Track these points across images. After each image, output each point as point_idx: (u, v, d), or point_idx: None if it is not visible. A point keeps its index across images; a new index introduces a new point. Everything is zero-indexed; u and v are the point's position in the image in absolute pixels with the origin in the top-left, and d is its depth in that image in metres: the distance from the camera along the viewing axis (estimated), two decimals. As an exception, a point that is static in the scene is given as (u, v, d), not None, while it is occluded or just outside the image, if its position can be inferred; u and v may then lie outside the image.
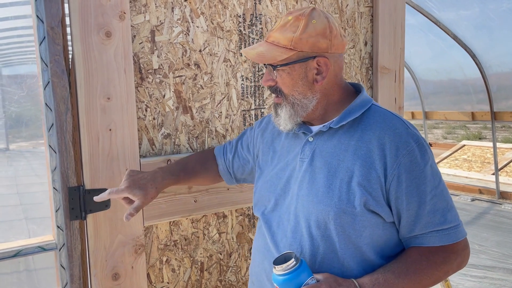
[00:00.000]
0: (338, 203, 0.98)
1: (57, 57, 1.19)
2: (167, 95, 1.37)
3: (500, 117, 5.55)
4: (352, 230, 0.98)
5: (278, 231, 1.07)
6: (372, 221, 0.98)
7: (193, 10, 1.38)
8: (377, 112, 1.06)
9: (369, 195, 0.97)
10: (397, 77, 1.77)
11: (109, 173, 1.27)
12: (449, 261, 0.99)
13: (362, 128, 1.03)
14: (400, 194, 0.97)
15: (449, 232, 0.99)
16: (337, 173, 1.00)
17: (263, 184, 1.16)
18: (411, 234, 1.01)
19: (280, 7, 1.53)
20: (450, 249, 1.00)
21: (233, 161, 1.32)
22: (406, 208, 0.98)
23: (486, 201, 5.71)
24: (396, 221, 1.01)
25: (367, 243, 0.99)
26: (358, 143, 1.01)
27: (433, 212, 0.98)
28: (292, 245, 1.03)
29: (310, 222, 1.01)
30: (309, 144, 1.08)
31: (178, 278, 1.44)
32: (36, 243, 1.25)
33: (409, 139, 0.99)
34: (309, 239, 1.01)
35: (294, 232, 1.04)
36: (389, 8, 1.72)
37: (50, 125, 1.21)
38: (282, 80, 1.05)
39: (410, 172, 0.97)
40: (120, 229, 1.30)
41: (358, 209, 0.97)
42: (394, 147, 0.98)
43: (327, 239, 1.00)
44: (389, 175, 0.97)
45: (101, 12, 1.22)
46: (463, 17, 4.90)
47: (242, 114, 1.51)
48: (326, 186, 1.01)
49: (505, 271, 3.52)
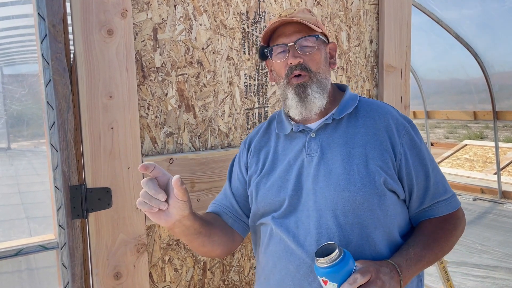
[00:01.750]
0: (362, 187, 1.00)
1: (59, 55, 1.18)
2: (169, 93, 1.36)
3: (502, 116, 5.53)
4: (380, 211, 1.01)
5: (299, 232, 1.03)
6: (393, 199, 1.03)
7: (196, 8, 1.37)
8: (369, 102, 1.14)
9: (386, 174, 1.02)
10: (403, 76, 1.76)
11: (111, 172, 1.26)
12: (458, 226, 1.08)
13: (362, 116, 1.09)
14: (409, 170, 1.05)
15: (451, 200, 1.09)
16: (352, 159, 1.03)
17: (266, 192, 1.10)
18: (422, 207, 1.07)
19: (284, 4, 1.52)
20: (455, 216, 1.09)
21: (242, 208, 1.18)
22: (416, 182, 1.05)
23: (488, 201, 5.70)
24: (407, 197, 1.07)
25: (394, 222, 1.03)
26: (363, 129, 1.07)
27: (436, 183, 1.07)
28: (319, 240, 1.00)
29: (336, 212, 1.00)
30: (314, 140, 1.08)
31: (180, 277, 1.43)
32: (37, 242, 1.25)
33: (403, 120, 1.09)
34: (337, 230, 1.00)
35: (319, 227, 1.01)
36: (395, 6, 1.70)
37: (52, 123, 1.20)
38: (312, 57, 1.08)
39: (412, 149, 1.06)
40: (122, 228, 1.29)
41: (380, 189, 1.00)
42: (395, 128, 1.07)
43: (356, 225, 1.00)
44: (397, 153, 1.05)
45: (103, 10, 1.21)
46: (466, 16, 4.89)
47: (245, 113, 1.50)
48: (345, 173, 1.02)
49: (507, 270, 3.50)
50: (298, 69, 1.07)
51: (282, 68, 1.09)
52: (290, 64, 1.07)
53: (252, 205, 1.14)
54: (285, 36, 1.08)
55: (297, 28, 1.08)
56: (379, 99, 1.75)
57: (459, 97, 6.13)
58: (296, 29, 1.08)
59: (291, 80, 1.08)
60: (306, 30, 1.08)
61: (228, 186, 1.21)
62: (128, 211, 1.28)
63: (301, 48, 1.07)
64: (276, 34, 1.11)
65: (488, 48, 5.13)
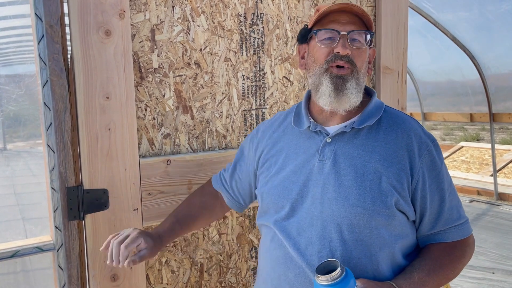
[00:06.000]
0: (372, 205, 0.96)
1: (56, 56, 1.18)
2: (167, 94, 1.36)
3: (498, 118, 5.55)
4: (385, 232, 0.97)
5: (300, 239, 1.00)
6: (402, 220, 0.99)
7: (194, 9, 1.37)
8: (393, 114, 1.08)
9: (399, 194, 0.97)
10: (399, 78, 1.76)
11: (108, 173, 1.25)
12: (466, 254, 1.04)
13: (384, 129, 1.03)
14: (424, 193, 1.00)
15: (463, 227, 1.04)
16: (366, 175, 0.98)
17: (271, 189, 1.08)
18: (432, 231, 1.03)
19: (282, 6, 1.52)
20: (465, 243, 1.04)
21: (237, 186, 1.24)
22: (429, 206, 1.01)
23: (484, 203, 5.72)
24: (418, 219, 1.03)
25: (398, 244, 0.99)
26: (382, 145, 1.01)
27: (451, 208, 1.02)
28: (321, 251, 0.97)
29: (342, 227, 0.97)
30: (329, 145, 1.03)
31: (177, 279, 1.43)
32: (33, 244, 1.24)
33: (427, 139, 1.02)
34: (341, 244, 0.96)
35: (322, 238, 0.98)
36: (392, 8, 1.71)
37: (49, 124, 1.20)
38: (359, 53, 1.02)
39: (431, 171, 1.00)
40: (119, 230, 1.28)
41: (390, 210, 0.96)
42: (417, 147, 1.00)
43: (361, 242, 0.96)
44: (415, 174, 0.99)
45: (100, 11, 1.21)
46: (462, 19, 4.91)
47: (243, 114, 1.50)
48: (356, 188, 0.97)
49: (504, 272, 3.51)
50: (344, 60, 1.00)
51: (324, 54, 1.02)
52: (337, 53, 1.00)
53: (258, 200, 1.14)
54: (339, 23, 1.01)
55: (353, 19, 1.02)
56: None
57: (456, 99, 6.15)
58: (352, 19, 1.02)
59: (331, 68, 1.01)
60: (360, 25, 1.02)
61: (233, 167, 1.26)
62: (125, 213, 1.28)
63: (352, 40, 1.01)
64: (328, 19, 1.03)
65: (485, 50, 5.15)
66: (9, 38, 5.64)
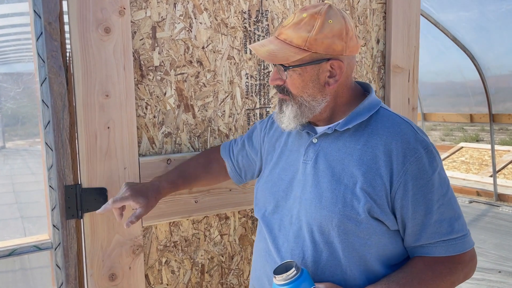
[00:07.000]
0: (342, 210, 0.95)
1: (55, 53, 1.16)
2: (168, 92, 1.34)
3: (498, 119, 5.55)
4: (356, 238, 0.95)
5: (279, 235, 1.04)
6: (377, 229, 0.95)
7: (196, 6, 1.35)
8: (385, 116, 1.01)
9: (374, 202, 0.94)
10: (410, 77, 1.72)
11: (106, 172, 1.24)
12: (455, 272, 0.96)
13: (369, 132, 0.99)
14: (406, 203, 0.94)
15: (456, 242, 0.96)
16: (342, 179, 0.97)
17: (264, 184, 1.13)
18: (417, 243, 0.97)
19: (288, 3, 1.50)
20: (456, 260, 0.97)
21: (243, 161, 1.28)
22: (411, 217, 0.95)
23: (484, 203, 5.71)
24: (401, 230, 0.98)
25: (372, 252, 0.96)
26: (363, 148, 0.97)
27: (440, 221, 0.95)
28: (294, 250, 1.00)
29: (313, 228, 0.98)
30: (313, 146, 1.04)
31: (177, 280, 1.41)
32: (31, 242, 1.23)
33: (418, 145, 0.95)
34: (311, 245, 0.98)
35: (297, 237, 1.01)
36: (403, 5, 1.67)
37: (47, 122, 1.18)
38: (292, 81, 1.00)
39: (417, 180, 0.93)
40: (117, 229, 1.27)
41: (362, 216, 0.93)
42: (401, 154, 0.94)
43: (330, 245, 0.97)
44: (395, 182, 0.94)
45: (100, 8, 1.19)
46: (463, 19, 4.90)
47: (246, 113, 1.48)
48: (330, 191, 0.97)
49: (503, 273, 3.51)
50: (279, 90, 1.04)
51: None
52: None
53: (254, 194, 1.19)
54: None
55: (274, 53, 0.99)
56: (385, 101, 1.72)
57: (456, 100, 6.14)
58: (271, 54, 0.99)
59: None
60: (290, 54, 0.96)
61: (243, 140, 1.30)
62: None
63: (286, 69, 0.99)
64: None
65: (485, 50, 5.15)
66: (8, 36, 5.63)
